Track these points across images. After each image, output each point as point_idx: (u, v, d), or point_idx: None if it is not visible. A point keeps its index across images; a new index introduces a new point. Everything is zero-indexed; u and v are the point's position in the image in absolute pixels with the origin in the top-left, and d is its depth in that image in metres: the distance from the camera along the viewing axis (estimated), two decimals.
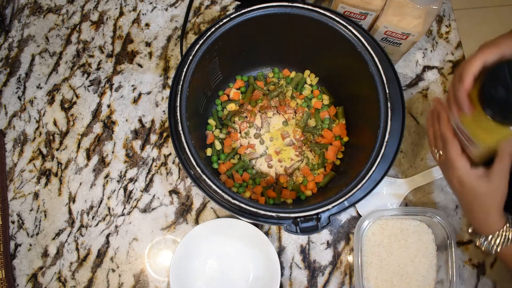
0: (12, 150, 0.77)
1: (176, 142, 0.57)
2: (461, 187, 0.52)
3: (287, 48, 0.70)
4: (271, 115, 0.72)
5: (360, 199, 0.55)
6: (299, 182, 0.68)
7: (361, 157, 0.59)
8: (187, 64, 0.57)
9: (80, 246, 0.72)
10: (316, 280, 0.70)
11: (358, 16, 0.69)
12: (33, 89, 0.80)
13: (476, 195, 0.51)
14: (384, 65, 0.57)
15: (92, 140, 0.77)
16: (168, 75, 0.80)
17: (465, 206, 0.55)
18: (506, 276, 0.69)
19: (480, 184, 0.50)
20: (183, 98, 0.56)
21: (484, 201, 0.51)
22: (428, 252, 0.68)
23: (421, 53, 0.81)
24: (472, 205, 0.53)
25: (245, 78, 0.75)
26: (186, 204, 0.73)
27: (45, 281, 0.70)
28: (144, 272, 0.70)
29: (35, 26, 0.84)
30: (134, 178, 0.75)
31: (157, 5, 0.85)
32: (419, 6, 0.62)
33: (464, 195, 0.53)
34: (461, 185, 0.51)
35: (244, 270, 0.69)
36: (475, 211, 0.54)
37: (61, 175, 0.75)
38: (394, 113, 0.56)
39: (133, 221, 0.72)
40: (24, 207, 0.74)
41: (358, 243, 0.66)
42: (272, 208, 0.52)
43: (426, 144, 0.75)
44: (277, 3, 0.59)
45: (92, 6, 0.85)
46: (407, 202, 0.73)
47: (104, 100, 0.79)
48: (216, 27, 0.58)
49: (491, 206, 0.52)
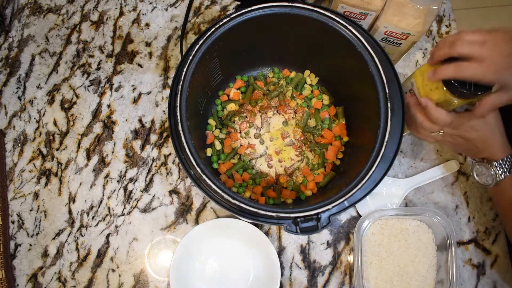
0: (12, 150, 0.77)
1: (176, 142, 0.57)
2: (476, 132, 0.58)
3: (287, 48, 0.70)
4: (271, 115, 0.72)
5: (360, 199, 0.55)
6: (299, 182, 0.68)
7: (361, 157, 0.59)
8: (187, 64, 0.57)
9: (80, 246, 0.72)
10: (316, 280, 0.70)
11: (358, 16, 0.69)
12: (33, 89, 0.80)
13: (490, 128, 0.59)
14: (384, 65, 0.57)
15: (92, 140, 0.77)
16: (168, 75, 0.80)
17: (481, 144, 0.60)
18: (506, 276, 0.69)
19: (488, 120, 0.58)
20: (183, 98, 0.56)
21: (495, 130, 0.59)
22: (428, 252, 0.68)
23: (421, 53, 0.81)
24: (487, 139, 0.59)
25: (245, 78, 0.75)
26: (186, 204, 0.73)
27: (45, 281, 0.70)
28: (144, 272, 0.70)
29: (35, 26, 0.84)
30: (134, 178, 0.75)
31: (157, 5, 0.85)
32: (419, 6, 0.62)
33: (480, 135, 0.59)
34: (476, 130, 0.58)
35: (244, 270, 0.69)
36: (489, 143, 0.60)
37: (61, 175, 0.75)
38: (394, 113, 0.56)
39: (133, 221, 0.72)
40: (24, 207, 0.74)
41: (358, 243, 0.66)
42: (272, 208, 0.52)
43: (426, 144, 0.75)
44: (277, 3, 0.59)
45: (92, 6, 0.85)
46: (407, 202, 0.73)
47: (104, 100, 0.79)
48: (216, 27, 0.58)
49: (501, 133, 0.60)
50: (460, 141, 0.60)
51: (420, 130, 0.60)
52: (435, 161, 0.75)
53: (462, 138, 0.59)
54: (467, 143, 0.60)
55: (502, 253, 0.70)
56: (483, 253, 0.71)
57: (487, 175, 0.61)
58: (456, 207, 0.73)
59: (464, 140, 0.60)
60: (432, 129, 0.59)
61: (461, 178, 0.74)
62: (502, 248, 0.71)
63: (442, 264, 0.67)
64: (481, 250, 0.71)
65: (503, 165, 0.59)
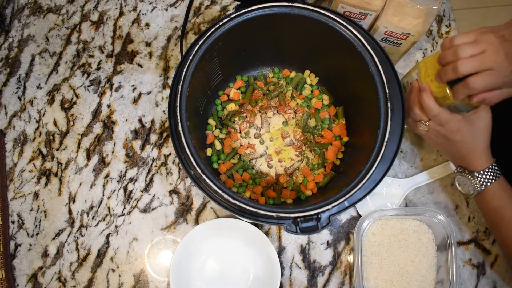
0: (12, 150, 0.77)
1: (176, 142, 0.57)
2: (461, 135, 0.58)
3: (287, 48, 0.70)
4: (271, 115, 0.72)
5: (360, 199, 0.55)
6: (299, 182, 0.68)
7: (361, 157, 0.59)
8: (187, 64, 0.57)
9: (80, 246, 0.72)
10: (316, 280, 0.70)
11: (358, 16, 0.69)
12: (33, 89, 0.80)
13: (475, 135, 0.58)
14: (384, 65, 0.57)
15: (92, 140, 0.77)
16: (168, 75, 0.80)
17: (462, 150, 0.60)
18: (506, 276, 0.69)
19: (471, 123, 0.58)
20: (183, 98, 0.56)
21: (479, 139, 0.59)
22: (428, 252, 0.68)
23: (421, 53, 0.81)
24: (470, 147, 0.60)
25: (245, 78, 0.75)
26: (186, 204, 0.73)
27: (45, 281, 0.70)
28: (144, 272, 0.70)
29: (35, 26, 0.84)
30: (134, 178, 0.75)
31: (157, 5, 0.85)
32: (419, 6, 0.62)
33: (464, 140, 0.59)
34: (461, 133, 0.58)
35: (244, 270, 0.69)
36: (471, 151, 0.60)
37: (61, 175, 0.75)
38: (394, 113, 0.56)
39: (133, 221, 0.72)
40: (24, 207, 0.74)
41: (358, 243, 0.66)
42: (272, 208, 0.52)
43: (426, 144, 0.75)
44: (277, 3, 0.59)
45: (92, 6, 0.85)
46: (407, 202, 0.73)
47: (104, 100, 0.79)
48: (216, 27, 0.58)
49: (484, 142, 0.60)
50: (443, 141, 0.60)
51: (408, 119, 0.61)
52: (435, 161, 0.75)
53: (445, 138, 0.59)
54: (449, 145, 0.60)
55: (502, 253, 0.70)
56: (483, 253, 0.71)
57: (468, 185, 0.61)
58: (456, 207, 0.73)
59: (446, 141, 0.60)
60: (419, 116, 0.59)
61: None
62: None
63: (442, 264, 0.67)
64: (481, 250, 0.71)
65: (483, 177, 0.59)
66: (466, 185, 0.62)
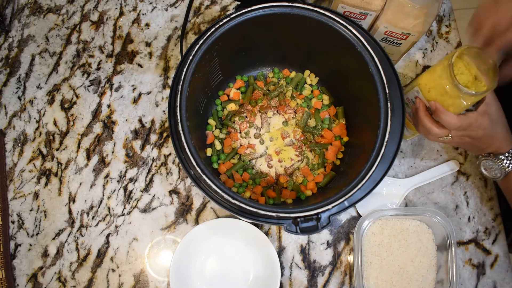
0: (12, 150, 0.77)
1: (176, 142, 0.57)
2: (483, 130, 0.59)
3: (287, 48, 0.70)
4: (271, 115, 0.72)
5: (360, 199, 0.55)
6: (299, 182, 0.68)
7: (361, 157, 0.59)
8: (187, 64, 0.57)
9: (80, 246, 0.72)
10: (316, 280, 0.70)
11: (358, 16, 0.69)
12: (33, 89, 0.80)
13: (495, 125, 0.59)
14: (384, 65, 0.57)
15: (92, 140, 0.77)
16: (168, 75, 0.80)
17: (488, 140, 0.61)
18: (506, 276, 0.69)
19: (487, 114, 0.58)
20: (183, 98, 0.56)
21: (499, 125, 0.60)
22: (428, 252, 0.68)
23: (421, 53, 0.81)
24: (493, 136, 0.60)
25: (245, 78, 0.75)
26: (186, 204, 0.73)
27: (45, 281, 0.70)
28: (144, 272, 0.70)
29: (35, 26, 0.84)
30: (134, 178, 0.75)
31: (157, 5, 0.85)
32: (419, 6, 0.62)
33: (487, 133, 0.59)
34: (483, 129, 0.58)
35: (244, 270, 0.69)
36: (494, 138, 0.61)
37: (61, 175, 0.75)
38: (394, 113, 0.56)
39: (133, 221, 0.73)
40: (24, 207, 0.74)
41: (358, 243, 0.66)
42: (272, 208, 0.52)
43: (426, 144, 0.75)
44: (277, 3, 0.59)
45: (92, 6, 0.85)
46: (407, 202, 0.73)
47: (104, 100, 0.79)
48: (216, 27, 0.58)
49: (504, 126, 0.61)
50: (468, 140, 0.61)
51: (429, 136, 0.61)
52: (435, 161, 0.75)
53: (470, 137, 0.60)
54: (474, 141, 0.61)
55: (502, 253, 0.70)
56: (483, 253, 0.71)
57: (495, 168, 0.62)
58: (456, 207, 0.73)
59: (471, 139, 0.61)
60: (441, 134, 0.59)
61: (461, 178, 0.74)
62: (502, 248, 0.71)
63: (442, 264, 0.67)
64: (481, 250, 0.71)
65: (510, 157, 0.60)
66: (492, 169, 0.63)
